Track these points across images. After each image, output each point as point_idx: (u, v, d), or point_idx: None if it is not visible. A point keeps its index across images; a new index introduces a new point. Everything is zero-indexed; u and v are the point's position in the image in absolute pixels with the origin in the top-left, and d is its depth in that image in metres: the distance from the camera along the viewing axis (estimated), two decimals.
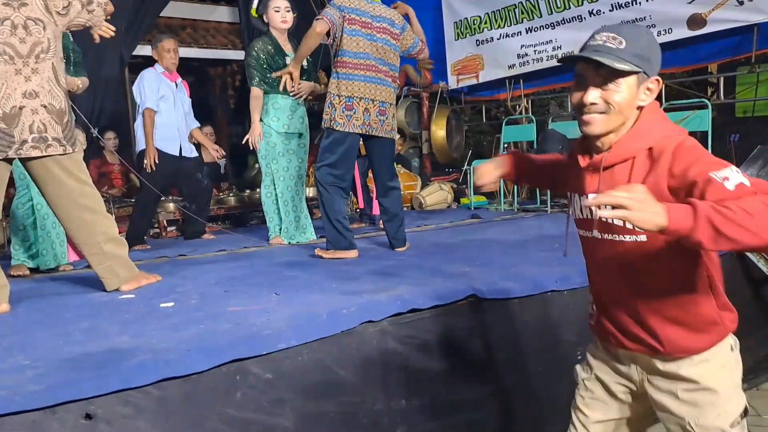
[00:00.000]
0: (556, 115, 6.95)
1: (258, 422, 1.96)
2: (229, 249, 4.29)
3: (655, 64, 1.46)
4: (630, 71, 1.40)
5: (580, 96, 1.47)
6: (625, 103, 1.44)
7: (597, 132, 1.47)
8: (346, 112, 3.60)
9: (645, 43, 1.44)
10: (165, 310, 2.48)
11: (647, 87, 1.46)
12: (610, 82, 1.42)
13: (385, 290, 2.57)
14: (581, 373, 1.76)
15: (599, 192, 1.43)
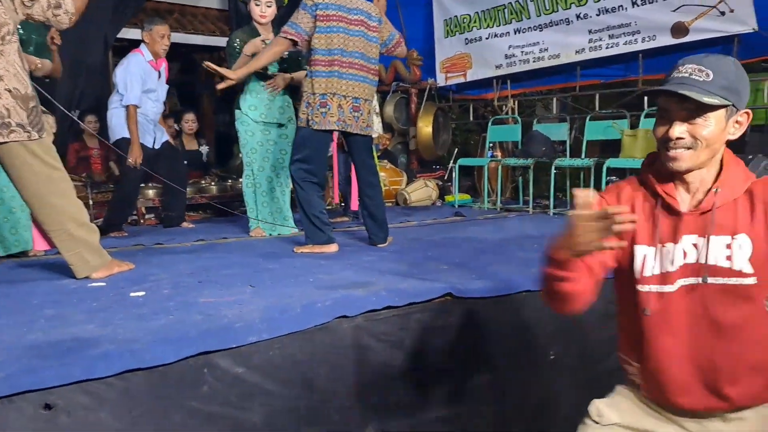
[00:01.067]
0: (542, 117, 6.96)
1: (225, 416, 1.93)
2: (208, 239, 4.24)
3: (743, 95, 1.42)
4: (719, 105, 1.36)
5: (664, 130, 1.41)
6: (714, 138, 1.38)
7: (684, 168, 1.41)
8: (321, 110, 3.55)
9: (733, 75, 1.39)
10: (135, 299, 2.43)
11: (736, 120, 1.42)
12: (698, 117, 1.37)
13: (361, 286, 2.55)
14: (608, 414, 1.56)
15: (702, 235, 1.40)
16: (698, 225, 1.42)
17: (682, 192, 1.47)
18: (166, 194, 5.05)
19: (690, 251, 1.42)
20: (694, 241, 1.42)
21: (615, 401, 1.59)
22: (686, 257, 1.43)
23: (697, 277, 1.41)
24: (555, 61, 6.41)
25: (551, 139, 5.97)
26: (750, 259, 1.37)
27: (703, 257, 1.40)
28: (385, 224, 3.84)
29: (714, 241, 1.40)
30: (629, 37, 5.73)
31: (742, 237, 1.38)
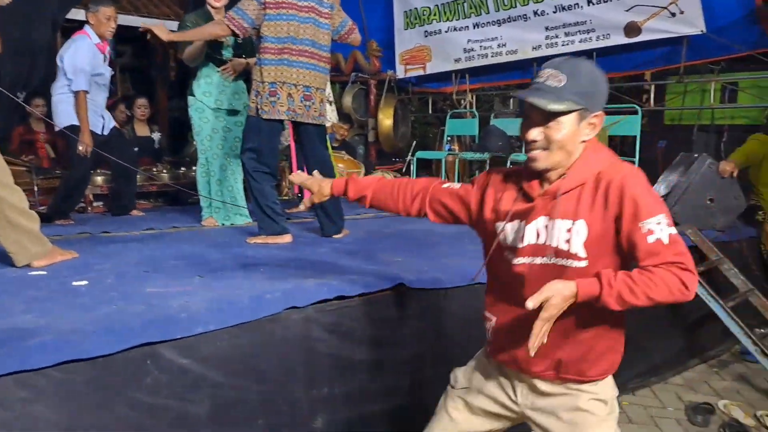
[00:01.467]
0: (499, 112, 7.02)
1: (170, 408, 1.90)
2: (157, 228, 4.14)
3: (598, 99, 1.50)
4: (567, 111, 1.44)
5: (525, 132, 1.52)
6: (566, 140, 1.48)
7: (541, 167, 1.52)
8: (270, 99, 3.49)
9: (587, 79, 1.48)
10: (77, 288, 2.36)
11: (589, 122, 1.50)
12: (551, 121, 1.46)
13: (313, 276, 2.53)
14: (461, 380, 1.79)
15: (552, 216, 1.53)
16: (548, 209, 1.54)
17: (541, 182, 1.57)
18: (115, 181, 4.92)
19: (541, 232, 1.54)
20: (545, 223, 1.54)
21: (469, 367, 1.80)
22: (538, 238, 1.54)
23: (542, 257, 1.53)
24: (512, 56, 6.47)
25: (508, 134, 6.03)
26: (584, 243, 1.47)
27: (548, 239, 1.52)
28: (339, 216, 3.81)
29: (557, 225, 1.51)
30: (584, 35, 5.82)
31: (580, 223, 1.48)
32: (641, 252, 1.41)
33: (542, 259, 1.53)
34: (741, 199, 4.28)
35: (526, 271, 1.56)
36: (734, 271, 3.86)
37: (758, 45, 5.04)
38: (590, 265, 1.47)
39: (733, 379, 3.69)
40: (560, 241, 1.50)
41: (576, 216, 1.49)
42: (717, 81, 5.43)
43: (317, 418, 2.27)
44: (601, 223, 1.46)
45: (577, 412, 1.60)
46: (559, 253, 1.50)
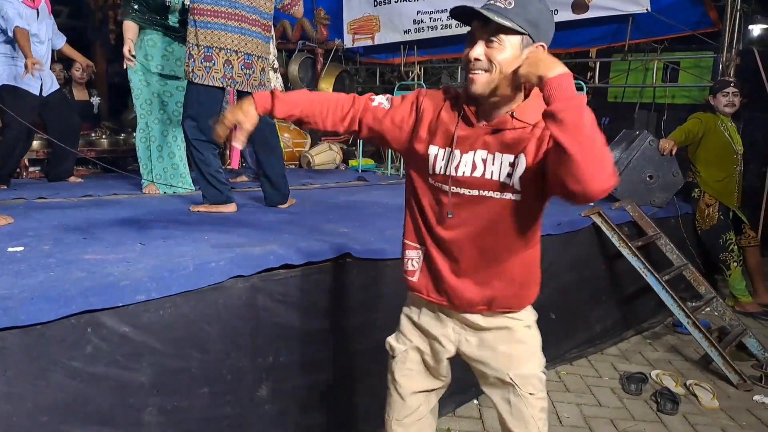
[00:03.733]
0: (446, 85, 7.03)
1: (110, 377, 1.86)
2: (96, 194, 4.01)
3: (543, 31, 1.47)
4: (512, 29, 1.42)
5: (467, 52, 1.49)
6: (507, 63, 1.44)
7: (479, 91, 1.48)
8: (205, 63, 3.37)
9: (534, 8, 1.45)
10: (12, 254, 2.27)
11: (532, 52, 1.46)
12: (494, 40, 1.44)
13: (258, 245, 2.50)
14: (397, 345, 1.80)
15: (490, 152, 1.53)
16: (489, 142, 1.53)
17: (483, 112, 1.55)
18: (53, 146, 4.73)
19: (479, 164, 1.54)
20: (483, 156, 1.54)
21: (398, 332, 1.81)
22: (474, 170, 1.54)
23: (477, 190, 1.54)
24: (462, 29, 6.45)
25: None
26: (521, 176, 1.49)
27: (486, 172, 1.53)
28: (284, 185, 3.76)
29: (499, 158, 1.52)
30: None
31: (521, 157, 1.49)
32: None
33: (476, 191, 1.55)
34: (679, 176, 4.43)
35: (456, 201, 1.57)
36: (670, 246, 4.00)
37: (700, 25, 5.19)
38: (522, 198, 1.51)
39: (665, 350, 3.84)
40: (502, 175, 1.51)
41: (518, 150, 1.50)
42: (659, 60, 5.56)
43: (262, 387, 2.27)
44: (534, 157, 1.47)
45: (513, 344, 1.66)
46: (500, 186, 1.52)
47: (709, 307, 3.81)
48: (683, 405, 3.06)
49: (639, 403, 3.12)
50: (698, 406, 3.09)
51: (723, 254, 4.39)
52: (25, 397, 1.68)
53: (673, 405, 3.00)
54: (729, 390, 3.27)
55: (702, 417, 2.98)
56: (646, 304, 4.14)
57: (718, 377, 3.40)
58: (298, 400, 2.38)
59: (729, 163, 4.42)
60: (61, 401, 1.75)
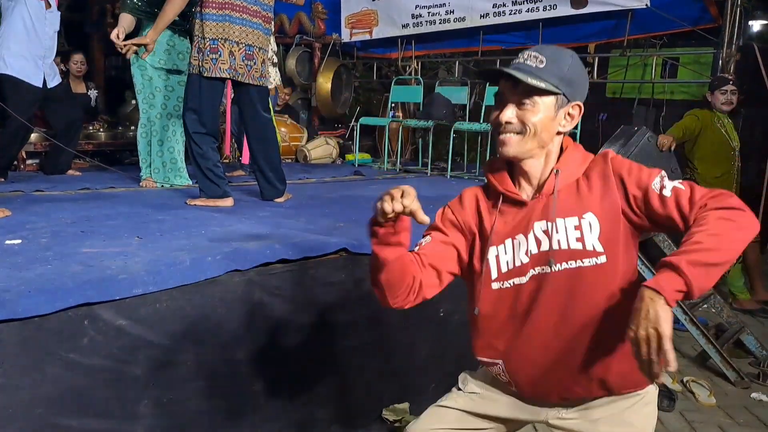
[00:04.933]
0: (444, 80, 7.02)
1: (106, 369, 1.85)
2: (94, 188, 4.00)
3: (578, 88, 1.41)
4: (546, 90, 1.35)
5: (497, 114, 1.41)
6: (541, 125, 1.37)
7: (512, 153, 1.40)
8: (212, 56, 3.36)
9: (568, 66, 1.39)
10: (10, 247, 2.27)
11: (567, 112, 1.41)
12: (528, 102, 1.37)
13: (255, 239, 2.50)
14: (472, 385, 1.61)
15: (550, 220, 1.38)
16: (544, 211, 1.41)
17: (523, 183, 1.46)
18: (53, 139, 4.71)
19: (543, 239, 1.40)
20: (543, 228, 1.40)
21: (481, 372, 1.63)
22: (540, 246, 1.40)
23: (554, 265, 1.37)
24: (460, 24, 6.47)
25: (452, 102, 6.05)
26: (599, 237, 1.36)
27: (552, 244, 1.38)
28: (281, 179, 3.76)
29: (561, 224, 1.38)
30: (531, 4, 5.86)
31: (588, 216, 1.37)
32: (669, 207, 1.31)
33: (554, 267, 1.37)
34: (677, 172, 4.42)
35: (535, 287, 1.40)
36: (668, 243, 4.00)
37: (700, 21, 5.19)
38: (610, 260, 1.35)
39: None
40: (570, 241, 1.37)
41: (582, 210, 1.37)
42: (658, 56, 5.56)
43: (257, 381, 2.27)
44: (609, 211, 1.36)
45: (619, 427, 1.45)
46: (573, 254, 1.36)
47: (707, 304, 3.81)
48: (680, 402, 3.06)
49: None
50: (695, 403, 3.10)
51: None
52: (21, 389, 1.68)
53: (669, 402, 3.00)
54: (726, 387, 3.28)
55: (699, 414, 2.98)
56: None
57: (715, 374, 3.41)
58: (293, 395, 2.38)
59: (726, 159, 4.42)
60: (57, 393, 1.75)
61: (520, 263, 1.42)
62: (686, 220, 1.30)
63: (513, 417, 1.56)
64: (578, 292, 1.37)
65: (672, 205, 1.32)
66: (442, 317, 2.79)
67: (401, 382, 2.70)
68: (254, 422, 2.26)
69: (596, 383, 1.42)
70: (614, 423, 1.45)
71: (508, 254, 1.43)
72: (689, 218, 1.29)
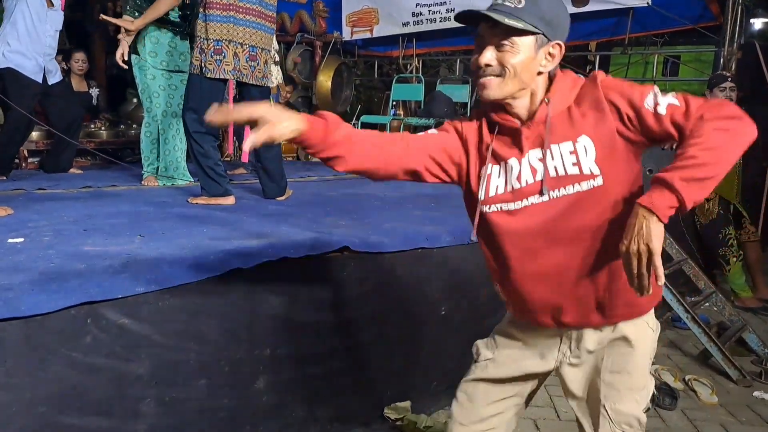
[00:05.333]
0: (445, 78, 7.02)
1: (109, 368, 1.86)
2: (96, 186, 4.01)
3: (558, 28, 1.38)
4: (524, 30, 1.32)
5: (476, 57, 1.38)
6: (521, 67, 1.35)
7: (493, 96, 1.38)
8: (215, 57, 3.37)
9: (547, 5, 1.36)
10: (12, 245, 2.27)
11: (548, 52, 1.38)
12: (506, 43, 1.33)
13: (257, 238, 2.50)
14: (484, 351, 1.65)
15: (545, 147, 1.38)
16: (538, 139, 1.40)
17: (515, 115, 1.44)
18: (53, 137, 4.71)
19: (538, 167, 1.40)
20: (538, 156, 1.40)
21: (492, 337, 1.67)
22: (535, 175, 1.40)
23: (551, 191, 1.39)
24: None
25: (453, 100, 6.05)
26: (596, 159, 1.35)
27: (548, 170, 1.38)
28: (282, 178, 3.76)
29: (556, 150, 1.39)
30: None
31: (583, 139, 1.36)
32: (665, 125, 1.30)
33: (551, 194, 1.38)
34: None
35: (538, 213, 1.40)
36: (670, 241, 4.00)
37: (701, 19, 5.19)
38: (607, 181, 1.34)
39: (664, 344, 3.84)
40: (567, 166, 1.37)
41: (576, 134, 1.37)
42: (660, 54, 5.56)
43: (259, 379, 2.27)
44: (604, 132, 1.35)
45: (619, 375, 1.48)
46: (569, 179, 1.37)
47: (709, 302, 3.81)
48: (682, 400, 3.06)
49: None
50: (697, 401, 3.09)
51: (722, 249, 4.39)
52: (23, 388, 1.68)
53: (671, 400, 3.00)
54: (728, 385, 3.28)
55: (701, 412, 2.98)
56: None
57: (717, 372, 3.40)
58: (295, 393, 2.38)
59: None
60: (59, 392, 1.75)
61: (511, 188, 1.43)
62: (683, 134, 1.29)
63: (526, 371, 1.59)
64: (576, 216, 1.37)
65: (668, 122, 1.30)
66: (443, 315, 2.79)
67: (403, 380, 2.70)
68: (255, 420, 2.26)
69: (590, 305, 1.44)
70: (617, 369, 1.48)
71: (501, 177, 1.45)
72: (686, 131, 1.28)
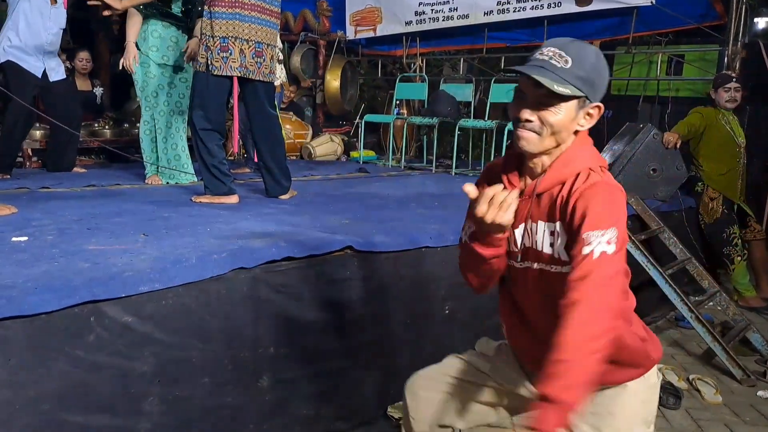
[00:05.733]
0: (448, 77, 7.01)
1: (113, 366, 1.86)
2: (99, 185, 4.02)
3: (599, 89, 1.38)
4: (570, 96, 1.33)
5: (518, 110, 1.38)
6: (561, 126, 1.36)
7: (528, 149, 1.38)
8: (222, 54, 3.37)
9: (591, 66, 1.35)
10: (16, 244, 2.27)
11: (587, 112, 1.39)
12: (549, 103, 1.34)
13: (260, 237, 2.50)
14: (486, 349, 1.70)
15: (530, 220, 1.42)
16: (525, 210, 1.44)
17: (527, 177, 1.47)
18: (54, 135, 4.71)
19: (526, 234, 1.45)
20: (528, 225, 1.45)
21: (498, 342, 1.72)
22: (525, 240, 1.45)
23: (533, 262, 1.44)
24: (464, 21, 6.45)
25: (457, 99, 6.05)
26: (565, 247, 1.37)
27: (533, 243, 1.43)
28: (286, 177, 3.76)
29: (540, 227, 1.42)
30: (536, 2, 5.84)
31: (558, 224, 1.38)
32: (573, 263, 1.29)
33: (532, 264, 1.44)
34: (683, 169, 4.42)
35: (524, 274, 1.47)
36: (673, 240, 4.00)
37: (705, 18, 5.17)
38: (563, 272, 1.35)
39: (668, 344, 3.83)
40: (545, 245, 1.41)
41: (556, 218, 1.39)
42: (664, 53, 5.54)
43: (262, 377, 2.27)
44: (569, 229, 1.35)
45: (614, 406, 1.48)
46: (545, 258, 1.41)
47: (713, 301, 3.80)
48: (686, 400, 3.05)
49: None
50: (701, 401, 3.09)
51: (727, 248, 4.38)
52: (27, 386, 1.68)
53: (675, 400, 2.99)
54: (732, 385, 3.27)
55: (705, 412, 2.98)
56: (649, 298, 4.12)
57: (721, 372, 3.39)
58: (298, 391, 2.38)
59: (731, 156, 4.41)
60: (63, 390, 1.75)
61: (515, 249, 1.48)
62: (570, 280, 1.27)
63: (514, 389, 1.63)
64: (551, 288, 1.39)
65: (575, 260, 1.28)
66: (447, 314, 2.79)
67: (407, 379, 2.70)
68: (259, 419, 2.26)
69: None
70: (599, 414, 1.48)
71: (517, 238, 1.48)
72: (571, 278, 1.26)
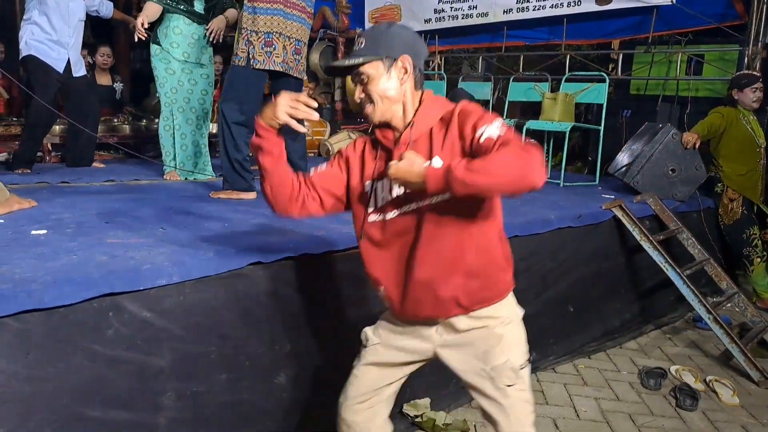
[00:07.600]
0: (467, 75, 6.98)
1: (131, 360, 1.87)
2: (118, 180, 4.05)
3: (394, 45, 1.57)
4: (363, 62, 1.55)
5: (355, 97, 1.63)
6: (382, 89, 1.57)
7: (375, 120, 1.61)
8: (266, 49, 3.43)
9: (379, 33, 1.60)
10: (36, 237, 2.30)
11: (398, 67, 1.57)
12: (361, 79, 1.59)
13: (278, 233, 2.51)
14: (372, 337, 1.81)
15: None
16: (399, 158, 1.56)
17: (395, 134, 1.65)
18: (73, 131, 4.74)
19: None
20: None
21: (378, 324, 1.83)
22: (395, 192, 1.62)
23: (410, 204, 1.60)
24: (483, 19, 6.41)
25: (475, 97, 6.02)
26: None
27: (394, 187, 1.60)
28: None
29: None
30: (556, 0, 5.79)
31: (435, 160, 1.53)
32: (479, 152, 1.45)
33: (411, 205, 1.60)
34: (702, 170, 4.37)
35: (400, 222, 1.62)
36: (692, 241, 3.95)
37: (726, 18, 5.09)
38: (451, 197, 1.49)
39: (685, 345, 3.80)
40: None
41: (430, 155, 1.56)
42: (683, 53, 5.48)
43: (280, 374, 2.28)
44: (451, 155, 1.53)
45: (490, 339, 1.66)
46: (420, 195, 1.56)
47: (731, 302, 3.76)
48: (703, 401, 3.03)
49: (658, 398, 3.09)
50: (718, 402, 3.06)
51: (746, 249, 4.33)
52: (46, 380, 1.70)
53: (692, 401, 2.97)
54: (750, 387, 3.23)
55: (722, 414, 2.95)
56: (666, 298, 4.09)
57: (738, 374, 3.36)
58: (315, 388, 2.39)
59: (752, 156, 4.36)
60: (81, 384, 1.77)
61: (383, 201, 1.65)
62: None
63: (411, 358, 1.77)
64: (428, 224, 1.58)
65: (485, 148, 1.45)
66: None
67: (422, 378, 2.69)
68: (276, 416, 2.27)
69: (450, 302, 1.62)
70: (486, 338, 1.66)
71: (377, 193, 1.66)
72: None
